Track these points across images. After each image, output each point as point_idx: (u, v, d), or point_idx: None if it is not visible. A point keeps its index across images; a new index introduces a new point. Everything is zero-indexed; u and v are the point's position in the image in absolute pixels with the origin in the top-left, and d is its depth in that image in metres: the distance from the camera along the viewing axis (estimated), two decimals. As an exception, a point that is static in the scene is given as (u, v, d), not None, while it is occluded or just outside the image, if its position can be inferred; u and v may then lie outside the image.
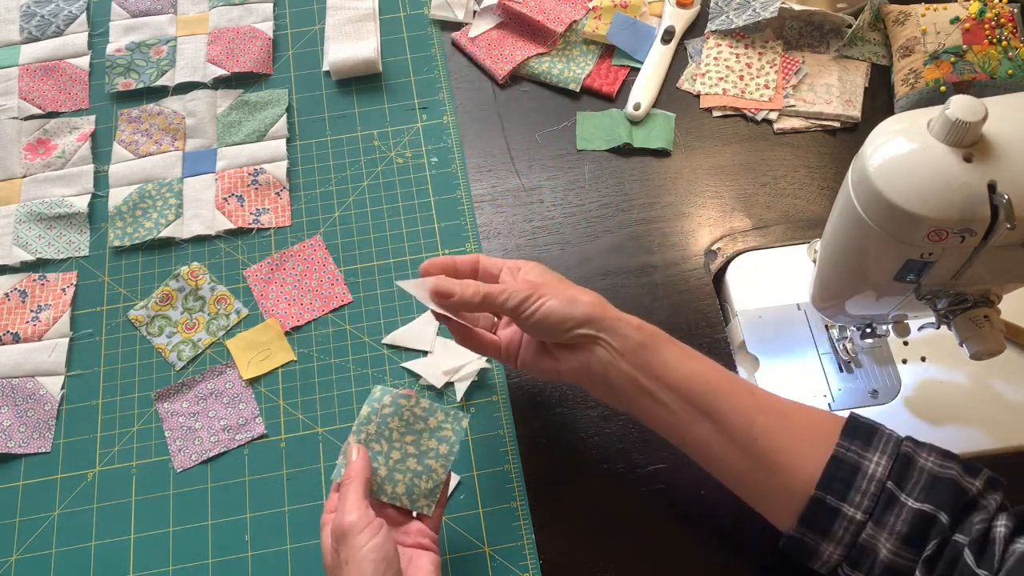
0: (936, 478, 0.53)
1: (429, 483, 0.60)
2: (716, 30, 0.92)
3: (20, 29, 0.96)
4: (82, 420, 0.75)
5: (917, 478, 0.53)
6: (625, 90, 0.90)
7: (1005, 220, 0.47)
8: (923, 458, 0.54)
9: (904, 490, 0.53)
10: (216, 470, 0.73)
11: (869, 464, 0.54)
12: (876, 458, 0.54)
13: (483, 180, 0.86)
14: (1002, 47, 0.83)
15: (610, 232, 0.82)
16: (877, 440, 0.55)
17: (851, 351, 0.74)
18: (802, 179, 0.84)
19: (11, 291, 0.81)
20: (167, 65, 0.93)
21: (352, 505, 0.55)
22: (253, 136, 0.88)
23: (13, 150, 0.89)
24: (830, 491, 0.54)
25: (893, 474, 0.53)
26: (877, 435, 0.55)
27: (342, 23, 0.94)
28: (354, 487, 0.56)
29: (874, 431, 0.56)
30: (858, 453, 0.54)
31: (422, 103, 0.90)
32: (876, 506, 0.53)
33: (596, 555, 0.68)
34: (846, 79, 0.88)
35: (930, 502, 0.52)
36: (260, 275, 0.81)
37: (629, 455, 0.71)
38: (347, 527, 0.53)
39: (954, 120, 0.48)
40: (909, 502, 0.52)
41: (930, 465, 0.54)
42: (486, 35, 0.93)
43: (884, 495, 0.53)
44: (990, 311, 0.59)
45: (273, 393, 0.76)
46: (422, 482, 0.59)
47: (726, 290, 0.79)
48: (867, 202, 0.52)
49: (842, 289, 0.63)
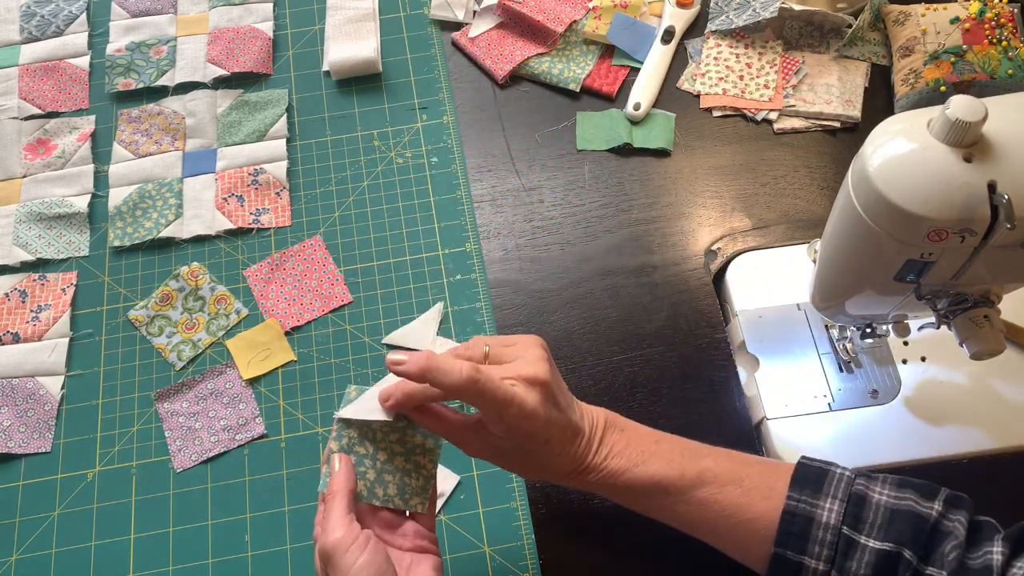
0: (893, 512, 0.51)
1: (419, 480, 0.57)
2: (716, 30, 0.92)
3: (20, 29, 0.96)
4: (82, 420, 0.75)
5: (873, 517, 0.52)
6: (625, 90, 0.90)
7: (1005, 220, 0.47)
8: (876, 493, 0.53)
9: (862, 532, 0.51)
10: (216, 470, 0.73)
11: (822, 512, 0.52)
12: (828, 504, 0.52)
13: (483, 180, 0.86)
14: (1002, 47, 0.83)
15: (610, 232, 0.82)
16: (827, 484, 0.54)
17: (851, 351, 0.74)
18: (802, 179, 0.84)
19: (11, 291, 0.81)
20: (167, 65, 0.93)
21: (336, 523, 0.51)
22: (253, 136, 0.88)
23: (13, 150, 0.89)
24: (788, 546, 0.52)
25: (847, 517, 0.52)
26: (827, 479, 0.54)
27: (342, 23, 0.94)
28: (337, 502, 0.52)
29: (824, 475, 0.54)
30: (809, 503, 0.53)
31: (422, 103, 0.90)
32: (836, 554, 0.51)
33: (596, 555, 0.68)
34: (846, 79, 0.88)
35: (891, 540, 0.50)
36: (260, 275, 0.81)
37: (629, 455, 0.71)
38: (331, 547, 0.50)
39: (954, 120, 0.48)
40: (870, 543, 0.51)
41: (885, 499, 0.52)
42: (486, 35, 0.93)
43: (842, 541, 0.51)
44: (990, 311, 0.59)
45: (273, 393, 0.76)
46: (412, 480, 0.57)
47: (726, 290, 0.79)
48: (867, 202, 0.52)
49: (842, 289, 0.63)
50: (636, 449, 0.57)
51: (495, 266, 0.81)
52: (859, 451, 0.70)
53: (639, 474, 0.57)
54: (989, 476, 0.69)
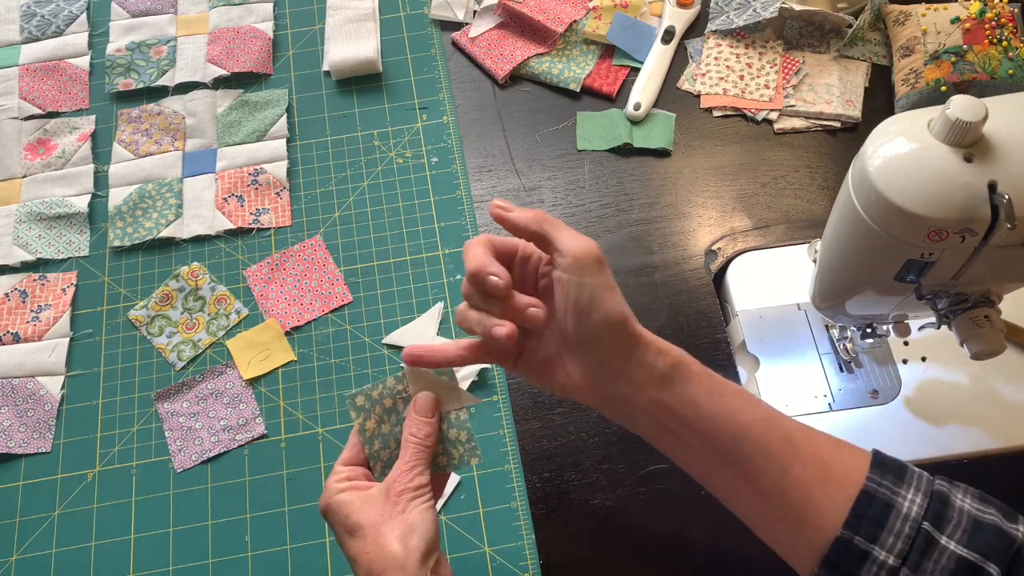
0: (977, 522, 0.47)
1: (464, 434, 0.56)
2: (716, 30, 0.92)
3: (20, 29, 0.96)
4: (82, 420, 0.75)
5: (957, 519, 0.47)
6: (625, 90, 0.90)
7: (1005, 220, 0.47)
8: (959, 499, 0.48)
9: (944, 532, 0.46)
10: (216, 470, 0.73)
11: (903, 501, 0.47)
12: (910, 495, 0.48)
13: (483, 180, 0.86)
14: (1002, 47, 0.83)
15: (610, 232, 0.82)
16: (909, 476, 0.49)
17: (851, 351, 0.74)
18: (802, 179, 0.84)
19: (11, 291, 0.81)
20: (167, 65, 0.93)
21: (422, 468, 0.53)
22: (253, 136, 0.88)
23: (13, 150, 0.88)
24: (858, 531, 0.47)
25: (929, 514, 0.47)
26: (908, 471, 0.49)
27: (342, 23, 0.94)
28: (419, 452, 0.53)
29: (904, 466, 0.50)
30: (890, 488, 0.48)
31: (422, 103, 0.90)
32: (911, 550, 0.46)
33: (596, 555, 0.68)
34: (846, 79, 0.88)
35: (975, 549, 0.45)
36: (260, 275, 0.81)
37: (629, 455, 0.71)
38: (417, 487, 0.52)
39: (954, 120, 0.48)
40: (950, 546, 0.46)
41: (968, 507, 0.48)
42: (486, 35, 0.93)
43: (921, 537, 0.46)
44: (990, 311, 0.58)
45: (273, 393, 0.76)
46: (463, 436, 0.56)
47: (726, 290, 0.79)
48: (867, 202, 0.52)
49: (842, 289, 0.63)
50: (719, 384, 0.52)
51: (495, 266, 0.81)
52: (859, 451, 0.69)
53: (725, 406, 0.51)
54: (989, 476, 0.69)
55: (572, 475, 0.71)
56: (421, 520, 0.51)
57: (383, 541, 0.50)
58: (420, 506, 0.51)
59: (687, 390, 0.51)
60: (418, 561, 0.49)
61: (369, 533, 0.50)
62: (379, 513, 0.51)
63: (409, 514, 0.51)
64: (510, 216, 0.53)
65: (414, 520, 0.51)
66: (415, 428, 0.54)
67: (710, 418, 0.50)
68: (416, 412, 0.55)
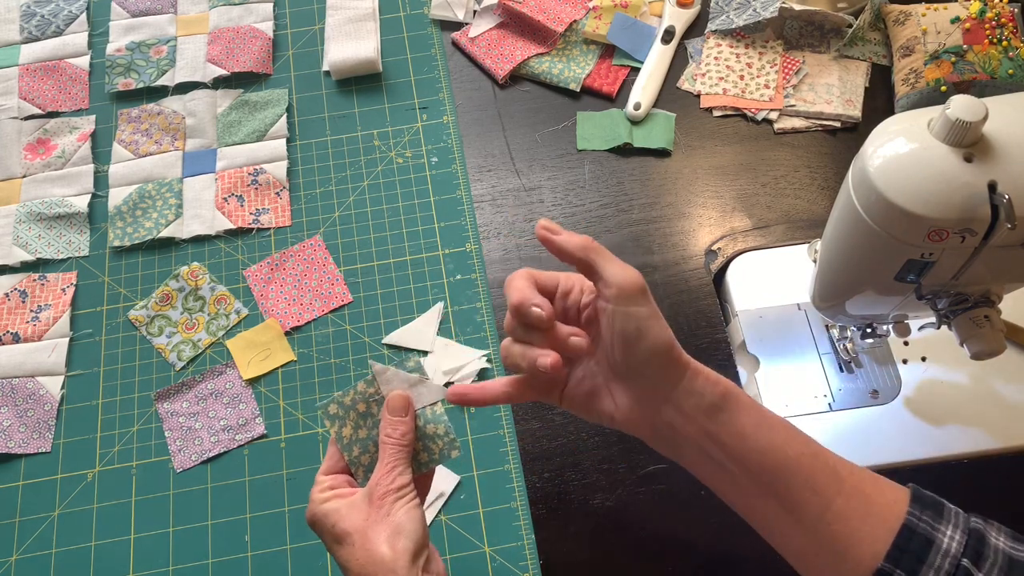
0: (1012, 561, 0.47)
1: (442, 428, 0.56)
2: (716, 30, 0.92)
3: (20, 29, 0.96)
4: (82, 420, 0.75)
5: (994, 558, 0.47)
6: (625, 90, 0.90)
7: (1005, 220, 0.47)
8: (993, 537, 0.48)
9: (981, 570, 0.46)
10: (216, 470, 0.73)
11: (943, 537, 0.47)
12: (949, 532, 0.48)
13: (483, 180, 0.86)
14: (1003, 47, 0.82)
15: (610, 232, 0.82)
16: (948, 512, 0.49)
17: (851, 351, 0.74)
18: (802, 179, 0.84)
19: (11, 291, 0.81)
20: (167, 65, 0.93)
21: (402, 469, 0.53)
22: (253, 136, 0.88)
23: (13, 150, 0.88)
24: (899, 564, 0.47)
25: (968, 550, 0.47)
26: (946, 508, 0.50)
27: (342, 23, 0.94)
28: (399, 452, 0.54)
29: (941, 503, 0.50)
30: (931, 524, 0.48)
31: (422, 103, 0.90)
32: None
33: (596, 555, 0.68)
34: (846, 79, 0.88)
35: None
36: (260, 275, 0.81)
37: (629, 455, 0.71)
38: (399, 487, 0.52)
39: (954, 120, 0.48)
40: None
41: (1003, 545, 0.48)
42: (486, 35, 0.93)
43: (960, 573, 0.46)
44: (990, 311, 0.58)
45: (273, 393, 0.76)
46: (440, 429, 0.56)
47: (726, 290, 0.79)
48: (867, 202, 0.52)
49: (842, 289, 0.63)
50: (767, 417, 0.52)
51: (495, 266, 0.81)
52: (859, 451, 0.69)
53: (773, 440, 0.50)
54: (989, 476, 0.69)
55: (572, 475, 0.71)
56: (407, 520, 0.51)
57: (371, 546, 0.50)
58: (405, 506, 0.52)
59: (736, 420, 0.51)
60: (408, 563, 0.49)
61: (357, 539, 0.50)
62: (364, 518, 0.51)
63: (394, 516, 0.51)
64: (556, 240, 0.52)
65: (400, 521, 0.51)
66: (390, 428, 0.54)
67: (758, 450, 0.50)
68: (389, 412, 0.55)
